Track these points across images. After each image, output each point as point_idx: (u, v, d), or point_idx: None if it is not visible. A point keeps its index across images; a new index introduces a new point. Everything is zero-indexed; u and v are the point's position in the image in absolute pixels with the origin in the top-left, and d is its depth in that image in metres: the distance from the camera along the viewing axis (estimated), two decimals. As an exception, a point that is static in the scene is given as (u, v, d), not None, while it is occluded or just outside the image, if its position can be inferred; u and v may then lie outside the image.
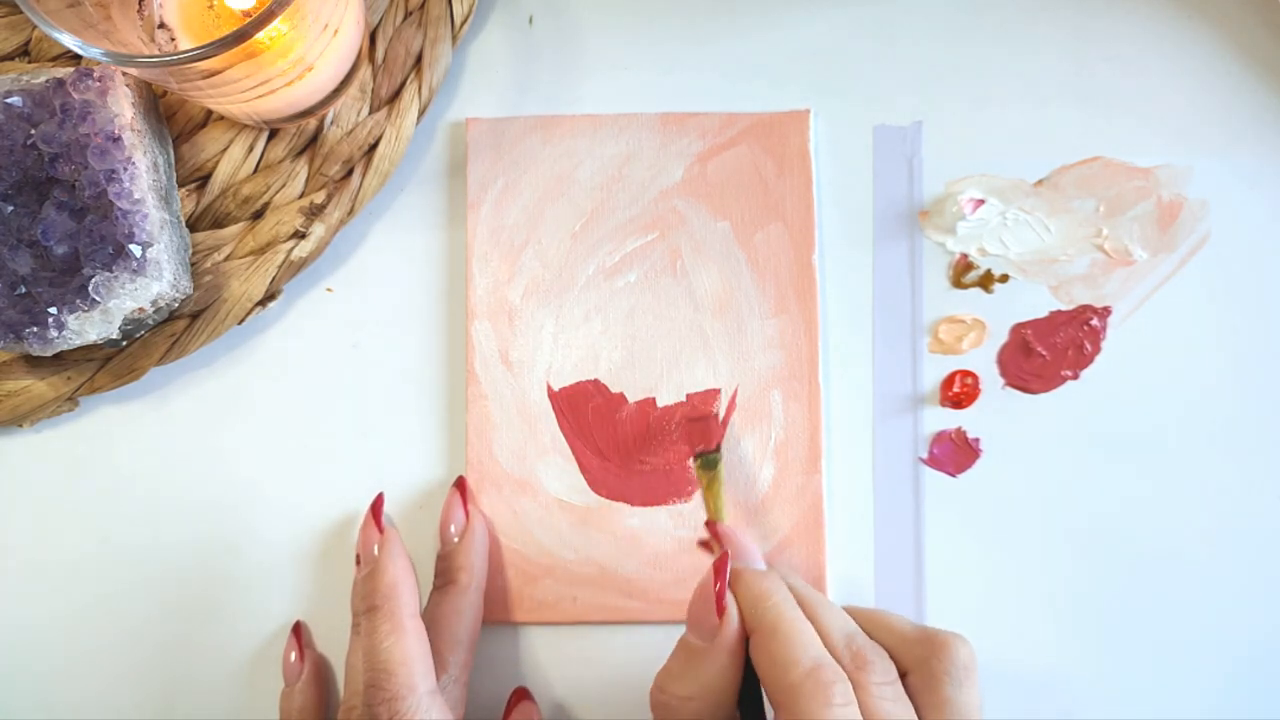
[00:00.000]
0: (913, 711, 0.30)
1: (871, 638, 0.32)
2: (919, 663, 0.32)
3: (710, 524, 0.38)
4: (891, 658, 0.32)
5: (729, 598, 0.32)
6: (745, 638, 0.32)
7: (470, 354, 0.39)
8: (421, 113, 0.40)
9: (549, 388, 0.39)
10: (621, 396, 0.39)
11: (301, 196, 0.39)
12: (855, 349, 0.40)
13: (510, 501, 0.39)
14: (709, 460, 0.38)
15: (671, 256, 0.40)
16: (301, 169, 0.39)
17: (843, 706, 0.29)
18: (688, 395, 0.39)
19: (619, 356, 0.39)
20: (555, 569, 0.39)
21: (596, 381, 0.39)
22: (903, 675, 0.32)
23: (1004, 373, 0.39)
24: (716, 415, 0.38)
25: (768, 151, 0.40)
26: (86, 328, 0.36)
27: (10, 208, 0.36)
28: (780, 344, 0.39)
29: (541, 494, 0.39)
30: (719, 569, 0.32)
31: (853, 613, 0.34)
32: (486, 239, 0.40)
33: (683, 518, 0.39)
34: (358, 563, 0.38)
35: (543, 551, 0.39)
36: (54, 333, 0.36)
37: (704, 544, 0.38)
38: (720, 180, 0.40)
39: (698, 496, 0.39)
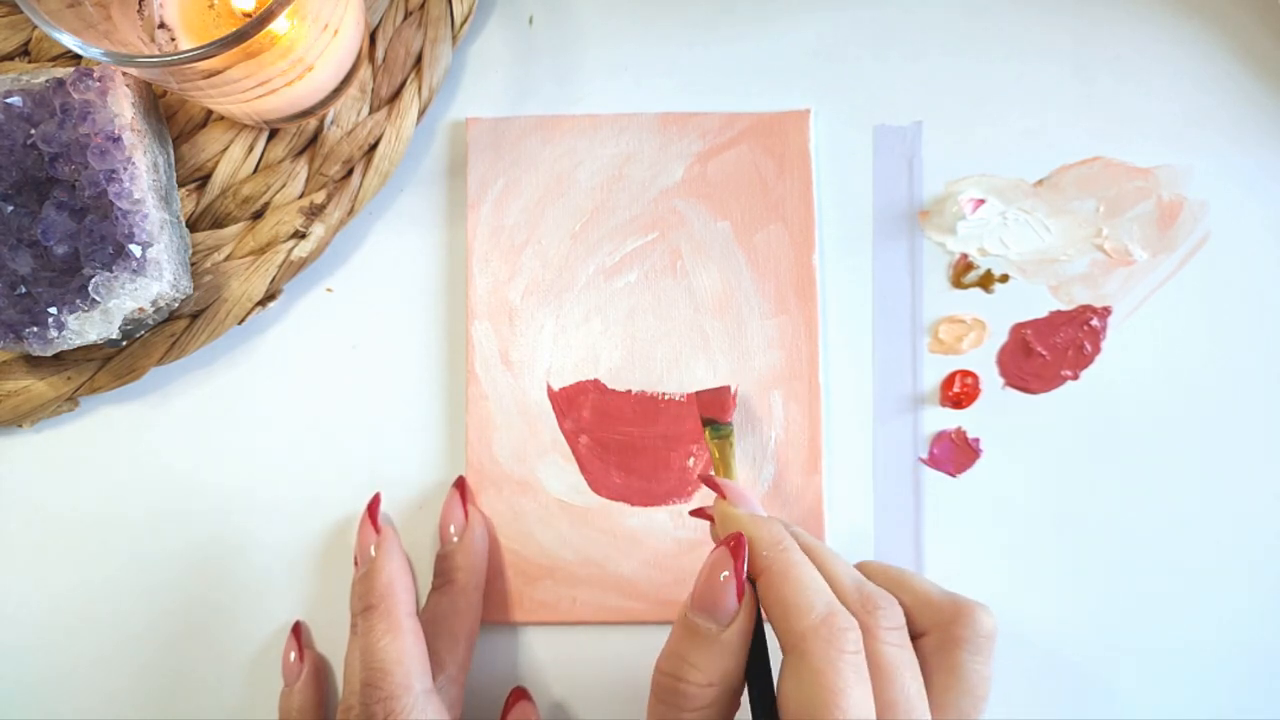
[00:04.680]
0: (916, 662, 0.30)
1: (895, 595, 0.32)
2: (939, 626, 0.32)
3: (707, 477, 0.35)
4: (910, 618, 0.32)
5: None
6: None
7: (470, 354, 0.39)
8: (421, 113, 0.40)
9: (549, 388, 0.39)
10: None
11: (301, 196, 0.39)
12: (855, 349, 0.40)
13: (510, 501, 0.39)
14: (720, 431, 0.36)
15: (671, 256, 0.40)
16: (301, 169, 0.39)
17: (854, 654, 0.28)
18: (686, 397, 0.39)
19: (619, 356, 0.39)
20: (555, 569, 0.39)
21: (597, 381, 0.39)
22: (919, 635, 0.32)
23: (1004, 373, 0.39)
24: (729, 388, 0.38)
25: (768, 151, 0.40)
26: (86, 328, 0.36)
27: (10, 208, 0.36)
28: (780, 344, 0.39)
29: (541, 494, 0.39)
30: (736, 549, 0.30)
31: (880, 570, 0.34)
32: (486, 239, 0.40)
33: (682, 518, 0.39)
34: (356, 563, 0.38)
35: (542, 552, 0.39)
36: (54, 333, 0.36)
37: (698, 512, 0.36)
38: (720, 180, 0.40)
39: (698, 495, 0.39)
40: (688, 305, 0.40)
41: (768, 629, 0.31)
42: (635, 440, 0.39)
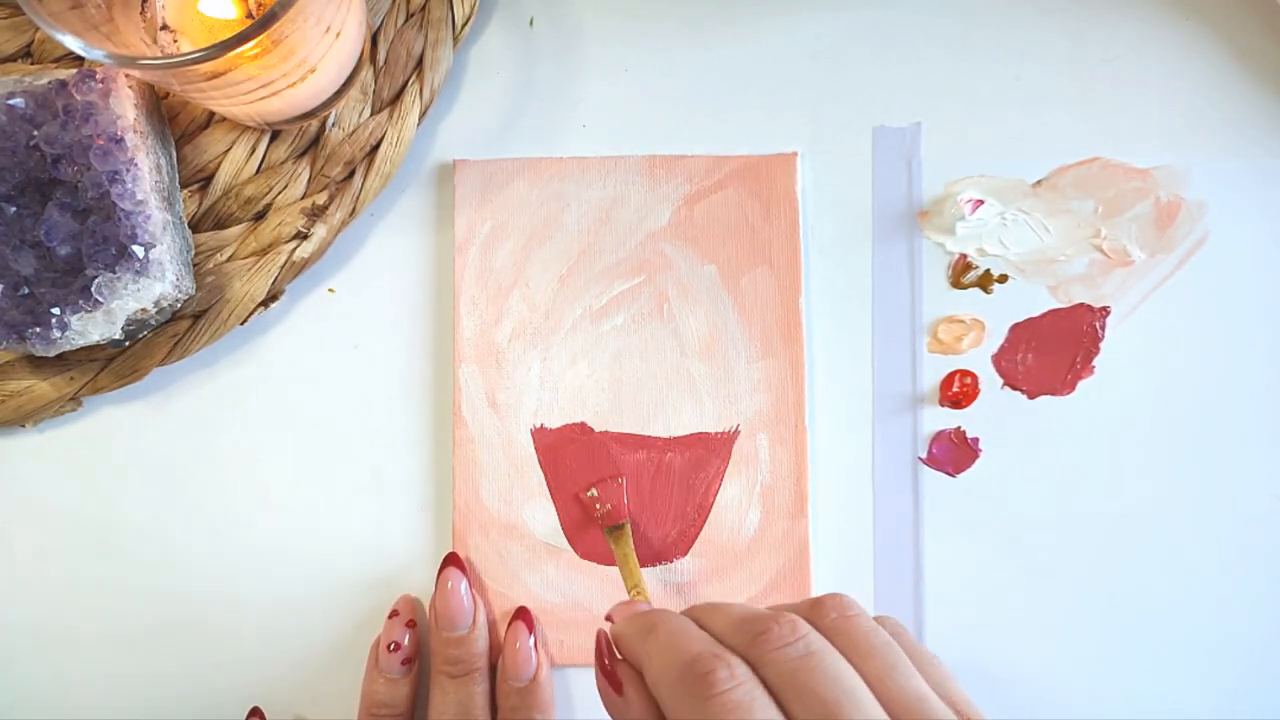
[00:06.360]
0: (837, 661, 0.26)
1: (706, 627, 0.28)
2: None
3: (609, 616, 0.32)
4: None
5: (624, 670, 0.29)
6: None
7: (457, 396, 0.39)
8: (423, 114, 0.40)
9: (535, 430, 0.39)
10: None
11: (303, 197, 0.39)
12: (854, 349, 0.40)
13: (497, 545, 0.39)
14: (613, 530, 0.38)
15: (658, 300, 0.40)
16: (303, 170, 0.39)
17: (725, 693, 0.25)
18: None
19: (606, 400, 0.39)
20: (541, 613, 0.39)
21: (583, 424, 0.39)
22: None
23: (1003, 373, 0.40)
24: (621, 483, 0.38)
25: (754, 195, 0.40)
26: (89, 328, 0.36)
27: (13, 209, 0.36)
28: (767, 387, 0.39)
29: (528, 537, 0.39)
30: (599, 646, 0.30)
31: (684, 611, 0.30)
32: (474, 282, 0.40)
33: (669, 564, 0.39)
34: (436, 616, 0.37)
35: (529, 595, 0.39)
36: (57, 333, 0.36)
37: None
38: (707, 224, 0.40)
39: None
40: (674, 348, 0.39)
41: None
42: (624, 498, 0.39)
